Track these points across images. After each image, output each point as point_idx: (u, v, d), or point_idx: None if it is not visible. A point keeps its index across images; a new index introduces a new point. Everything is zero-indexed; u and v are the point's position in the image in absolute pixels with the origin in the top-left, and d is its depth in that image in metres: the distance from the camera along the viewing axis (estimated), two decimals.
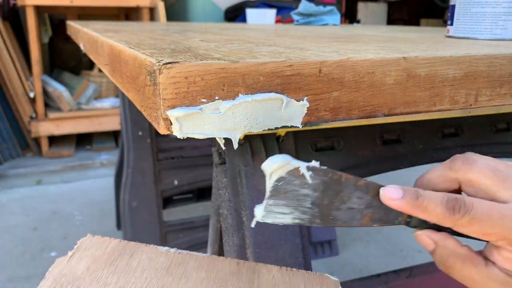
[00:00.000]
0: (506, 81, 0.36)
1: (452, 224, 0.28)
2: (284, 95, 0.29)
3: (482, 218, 0.28)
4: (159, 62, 0.26)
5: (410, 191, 0.29)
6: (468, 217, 0.28)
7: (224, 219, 0.54)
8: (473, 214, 0.28)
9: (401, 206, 0.29)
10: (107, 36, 0.51)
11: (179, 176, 1.32)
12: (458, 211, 0.28)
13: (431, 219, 0.29)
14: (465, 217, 0.28)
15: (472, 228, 0.28)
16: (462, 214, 0.28)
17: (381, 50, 0.36)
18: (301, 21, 1.21)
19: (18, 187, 2.04)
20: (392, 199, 0.29)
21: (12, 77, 2.16)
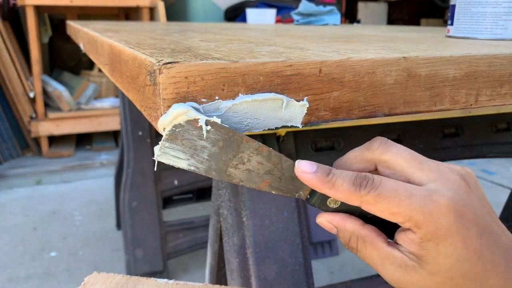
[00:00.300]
0: (506, 81, 0.36)
1: (359, 201, 0.28)
2: (284, 95, 0.29)
3: (389, 195, 0.27)
4: (159, 62, 0.26)
5: (323, 168, 0.29)
6: (375, 193, 0.27)
7: (224, 219, 0.54)
8: (379, 191, 0.27)
9: (311, 180, 0.28)
10: (107, 36, 0.51)
11: (179, 176, 1.32)
12: (364, 187, 0.27)
13: (338, 195, 0.28)
14: (371, 193, 0.27)
15: (379, 205, 0.27)
16: (368, 190, 0.27)
17: (381, 50, 0.36)
18: (301, 21, 1.21)
19: (18, 187, 2.04)
20: (304, 172, 0.29)
21: (12, 77, 2.16)
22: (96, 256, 1.48)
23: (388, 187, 0.27)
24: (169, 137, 0.27)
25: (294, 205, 0.53)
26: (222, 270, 0.65)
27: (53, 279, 1.36)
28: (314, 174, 0.28)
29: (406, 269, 0.28)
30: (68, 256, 1.48)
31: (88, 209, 1.83)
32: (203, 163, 0.28)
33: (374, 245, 0.29)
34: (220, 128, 0.27)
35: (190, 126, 0.27)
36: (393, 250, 0.28)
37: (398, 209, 0.27)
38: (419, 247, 0.27)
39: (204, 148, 0.27)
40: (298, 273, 0.51)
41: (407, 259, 0.28)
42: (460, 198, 0.27)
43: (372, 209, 0.28)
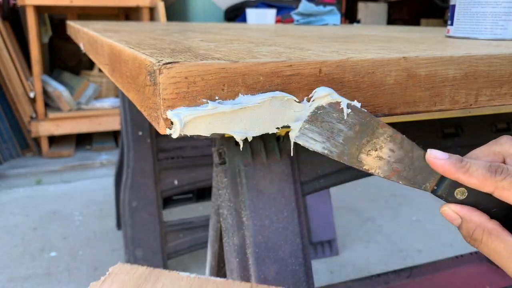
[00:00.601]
0: (506, 81, 0.36)
1: (493, 187, 0.28)
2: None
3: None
4: (159, 62, 0.26)
5: (455, 155, 0.29)
6: (511, 178, 0.28)
7: (224, 219, 0.54)
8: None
9: (444, 165, 0.29)
10: (107, 36, 0.51)
11: (179, 176, 1.32)
12: (500, 173, 0.28)
13: (472, 181, 0.29)
14: (507, 179, 0.28)
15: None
16: (504, 176, 0.28)
17: (381, 50, 0.36)
18: (301, 21, 1.21)
19: (18, 187, 2.04)
20: (437, 158, 0.29)
21: (12, 77, 2.16)
22: (96, 256, 1.48)
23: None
24: (310, 118, 0.28)
25: (294, 205, 0.53)
26: (222, 270, 0.65)
27: (53, 279, 1.36)
28: (448, 160, 0.29)
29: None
30: (68, 256, 1.48)
31: (88, 209, 1.83)
32: (337, 147, 0.29)
33: (501, 238, 0.29)
34: (359, 112, 0.28)
35: (332, 109, 0.28)
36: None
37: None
38: None
39: (341, 132, 0.28)
40: (298, 273, 0.51)
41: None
42: None
43: (507, 194, 0.28)
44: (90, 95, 2.35)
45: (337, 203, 1.83)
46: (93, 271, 1.40)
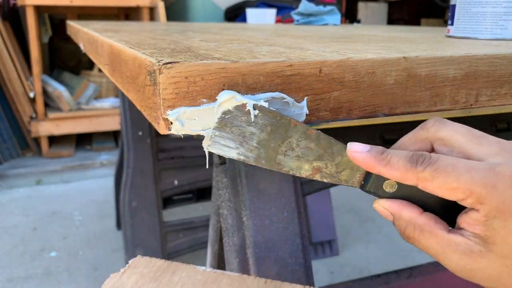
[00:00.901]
0: (506, 81, 0.36)
1: (416, 179, 0.26)
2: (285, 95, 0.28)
3: (447, 169, 0.25)
4: (159, 62, 0.26)
5: (377, 147, 0.28)
6: (431, 168, 0.25)
7: (224, 219, 0.54)
8: (437, 166, 0.25)
9: (364, 158, 0.27)
10: (107, 36, 0.51)
11: (179, 176, 1.32)
12: (421, 163, 0.26)
13: (394, 173, 0.27)
14: (428, 169, 0.26)
15: (436, 181, 0.25)
16: (425, 166, 0.26)
17: (382, 50, 0.36)
18: (301, 21, 1.21)
19: (18, 187, 2.04)
20: (357, 152, 0.28)
21: (12, 77, 2.16)
22: (96, 256, 1.48)
23: (445, 162, 0.26)
24: (218, 124, 0.27)
25: (294, 205, 0.53)
26: None
27: (53, 279, 1.36)
28: (368, 152, 0.27)
29: (472, 255, 0.25)
30: (68, 256, 1.48)
31: (88, 209, 1.83)
32: (253, 151, 0.28)
33: (433, 233, 0.27)
34: (268, 112, 0.27)
35: (239, 112, 0.26)
36: (455, 236, 0.26)
37: (458, 184, 0.25)
38: (485, 227, 0.25)
39: (253, 135, 0.27)
40: (298, 273, 0.51)
41: (472, 243, 0.25)
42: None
43: (430, 186, 0.26)
44: (90, 95, 2.35)
45: (337, 203, 1.83)
46: (93, 271, 1.40)
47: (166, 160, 1.30)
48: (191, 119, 0.27)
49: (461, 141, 0.27)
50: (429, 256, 0.33)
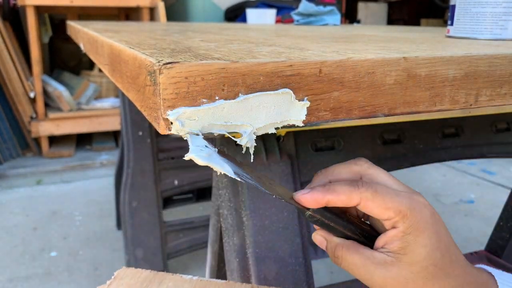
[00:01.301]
0: (506, 81, 0.36)
1: (359, 198, 0.31)
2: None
3: (383, 192, 0.31)
4: (159, 62, 0.26)
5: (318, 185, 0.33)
6: (372, 190, 0.31)
7: (224, 219, 0.54)
8: (375, 188, 0.32)
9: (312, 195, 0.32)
10: (107, 36, 0.51)
11: (179, 176, 1.32)
12: (362, 185, 0.32)
13: (341, 198, 0.32)
14: (369, 190, 0.31)
15: (376, 201, 0.31)
16: (366, 188, 0.32)
17: (381, 50, 0.36)
18: (301, 21, 1.21)
19: (18, 187, 2.04)
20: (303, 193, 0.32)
21: (12, 77, 2.16)
22: (96, 256, 1.48)
23: (380, 187, 0.32)
24: None
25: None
26: (222, 270, 0.65)
27: (53, 279, 1.36)
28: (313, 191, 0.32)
29: (385, 265, 0.31)
30: (68, 256, 1.48)
31: (88, 209, 1.83)
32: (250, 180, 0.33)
33: (357, 250, 0.33)
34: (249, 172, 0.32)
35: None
36: (374, 252, 0.32)
37: (392, 204, 0.31)
38: (400, 241, 0.31)
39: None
40: (298, 273, 0.52)
41: (386, 256, 0.32)
42: (429, 204, 0.33)
43: (370, 205, 0.31)
44: (90, 95, 2.35)
45: None
46: (93, 271, 1.40)
47: (166, 160, 1.30)
48: (191, 119, 0.27)
49: (386, 179, 0.34)
50: None
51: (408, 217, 0.31)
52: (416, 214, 0.31)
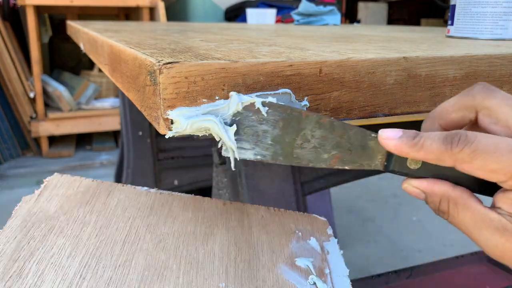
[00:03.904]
0: (506, 81, 0.36)
1: (453, 160, 0.25)
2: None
3: (487, 150, 0.24)
4: (159, 62, 0.26)
5: (409, 132, 0.27)
6: (469, 149, 0.24)
7: None
8: (475, 146, 0.24)
9: (396, 145, 0.26)
10: (107, 36, 0.51)
11: (179, 176, 1.32)
12: (456, 144, 0.25)
13: (429, 157, 0.26)
14: (465, 150, 0.24)
15: (476, 163, 0.24)
16: (462, 147, 0.24)
17: (382, 50, 0.36)
18: (301, 21, 1.21)
19: (18, 187, 2.04)
20: (388, 139, 0.26)
21: (12, 77, 2.16)
22: None
23: (485, 142, 0.24)
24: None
25: (294, 205, 0.53)
26: None
27: None
28: (400, 139, 0.26)
29: (504, 233, 0.24)
30: None
31: None
32: (268, 149, 0.27)
33: (467, 206, 0.26)
34: (277, 107, 0.27)
35: (248, 112, 0.26)
36: (490, 212, 0.25)
37: (499, 165, 0.24)
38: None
39: (266, 133, 0.27)
40: None
41: (507, 222, 0.24)
42: None
43: (468, 168, 0.25)
44: (90, 95, 2.35)
45: (337, 203, 1.83)
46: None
47: (166, 160, 1.30)
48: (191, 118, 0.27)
49: (508, 115, 0.26)
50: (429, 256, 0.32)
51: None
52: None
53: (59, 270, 0.29)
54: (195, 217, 0.36)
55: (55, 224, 0.34)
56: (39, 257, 0.30)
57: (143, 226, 0.34)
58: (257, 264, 0.33)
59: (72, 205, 0.36)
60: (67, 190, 0.38)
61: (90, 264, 0.30)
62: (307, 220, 0.39)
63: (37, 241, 0.32)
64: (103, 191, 0.38)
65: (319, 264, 0.34)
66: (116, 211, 0.36)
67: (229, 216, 0.37)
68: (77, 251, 0.31)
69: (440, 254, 1.47)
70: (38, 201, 0.37)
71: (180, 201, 0.38)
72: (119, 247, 0.32)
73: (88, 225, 0.34)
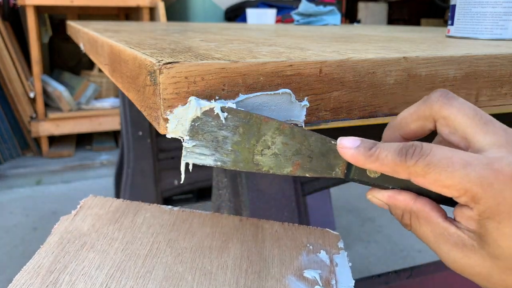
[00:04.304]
0: (506, 81, 0.36)
1: (407, 173, 0.24)
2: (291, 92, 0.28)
3: (440, 164, 0.23)
4: (159, 62, 0.26)
5: (366, 142, 0.26)
6: (424, 162, 0.23)
7: None
8: (429, 159, 0.23)
9: (353, 155, 0.26)
10: (107, 36, 0.51)
11: (179, 176, 1.32)
12: (411, 156, 0.24)
13: (384, 169, 0.25)
14: (419, 163, 0.23)
15: (429, 177, 0.23)
16: (416, 160, 0.24)
17: (382, 50, 0.36)
18: (302, 21, 1.21)
19: (18, 187, 2.04)
20: (346, 148, 0.26)
21: (12, 77, 2.16)
22: None
23: (439, 155, 0.23)
24: (190, 133, 0.26)
25: (294, 205, 0.53)
26: None
27: None
28: (356, 149, 0.26)
29: (463, 249, 0.24)
30: None
31: None
32: (229, 155, 0.27)
33: (428, 220, 0.25)
34: (237, 113, 0.26)
35: (208, 117, 0.26)
36: (450, 226, 0.24)
37: (452, 181, 0.23)
38: (478, 225, 0.23)
39: (226, 139, 0.27)
40: None
41: (465, 237, 0.24)
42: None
43: (422, 181, 0.24)
44: (90, 95, 2.35)
45: (337, 203, 1.83)
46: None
47: (166, 160, 1.30)
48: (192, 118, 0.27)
49: (465, 125, 0.25)
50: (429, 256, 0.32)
51: (481, 198, 0.22)
52: (495, 193, 0.22)
53: (88, 281, 0.34)
54: (213, 232, 0.40)
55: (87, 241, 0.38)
56: (72, 269, 0.35)
57: (165, 241, 0.38)
58: (267, 275, 0.35)
59: (103, 223, 0.41)
60: (100, 210, 0.42)
61: (115, 275, 0.34)
62: (319, 234, 0.41)
63: (71, 256, 0.36)
64: (131, 210, 0.43)
65: (326, 276, 0.36)
66: (141, 228, 0.40)
67: (244, 231, 0.40)
68: (105, 263, 0.35)
69: None
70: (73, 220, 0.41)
71: (200, 218, 0.42)
72: (142, 260, 0.36)
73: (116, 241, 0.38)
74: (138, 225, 0.40)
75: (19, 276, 0.35)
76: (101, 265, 0.35)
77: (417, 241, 1.58)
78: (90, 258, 0.36)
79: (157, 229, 0.40)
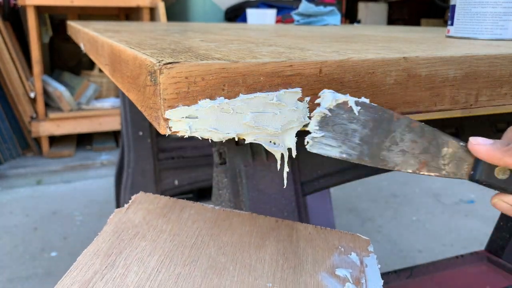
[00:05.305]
0: (506, 81, 0.36)
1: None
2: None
3: None
4: (159, 62, 0.26)
5: (499, 140, 0.27)
6: None
7: None
8: None
9: (488, 151, 0.26)
10: (107, 36, 0.51)
11: (179, 176, 1.32)
12: None
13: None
14: None
15: None
16: None
17: (382, 50, 0.36)
18: (302, 21, 1.21)
19: (18, 187, 2.04)
20: (480, 144, 0.27)
21: (12, 77, 2.16)
22: None
23: None
24: (320, 124, 0.27)
25: (294, 205, 0.53)
26: None
27: (53, 279, 1.36)
28: (493, 145, 0.26)
29: None
30: (68, 256, 1.48)
31: (88, 209, 1.83)
32: (355, 149, 0.27)
33: None
34: (369, 108, 0.26)
35: (340, 110, 0.26)
36: None
37: None
38: None
39: (355, 132, 0.27)
40: None
41: None
42: None
43: None
44: (91, 95, 2.35)
45: (337, 203, 1.83)
46: None
47: (167, 160, 1.30)
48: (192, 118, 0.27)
49: None
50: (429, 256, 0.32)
51: None
52: None
53: (141, 265, 0.37)
54: (251, 230, 0.43)
55: (139, 231, 0.42)
56: (126, 255, 0.39)
57: (208, 236, 0.42)
58: (301, 271, 0.38)
59: (152, 216, 0.44)
60: (149, 205, 0.46)
61: (165, 262, 0.38)
62: (351, 238, 0.44)
63: (125, 243, 0.40)
64: (178, 206, 0.46)
65: (356, 275, 0.39)
66: (187, 223, 0.44)
67: (280, 231, 0.43)
68: (155, 251, 0.39)
69: (440, 254, 1.47)
70: (126, 213, 0.45)
71: (239, 217, 0.45)
72: (188, 250, 0.40)
73: (164, 232, 0.42)
74: (184, 220, 0.44)
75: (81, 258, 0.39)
76: (152, 252, 0.39)
77: (417, 241, 1.58)
78: (142, 246, 0.40)
79: (201, 225, 0.43)
